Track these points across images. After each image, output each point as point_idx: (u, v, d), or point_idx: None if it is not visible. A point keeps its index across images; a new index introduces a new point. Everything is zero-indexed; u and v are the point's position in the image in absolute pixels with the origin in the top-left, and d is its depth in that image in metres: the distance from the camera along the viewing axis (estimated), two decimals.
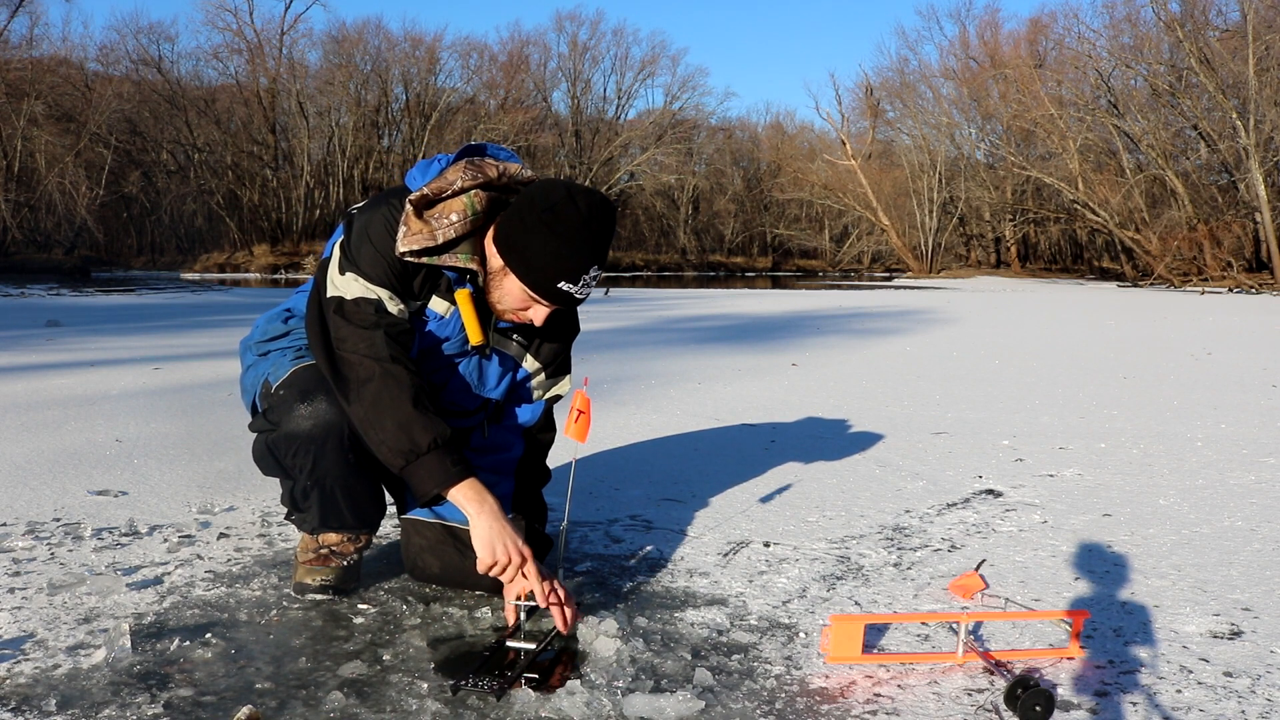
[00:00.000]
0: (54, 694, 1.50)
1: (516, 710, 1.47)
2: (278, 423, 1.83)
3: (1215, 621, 1.87)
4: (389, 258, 1.77)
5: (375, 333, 1.75)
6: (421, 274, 1.82)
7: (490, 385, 1.98)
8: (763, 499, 2.80)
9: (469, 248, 1.79)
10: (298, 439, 1.80)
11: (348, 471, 1.84)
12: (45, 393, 4.78)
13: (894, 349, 7.74)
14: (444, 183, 1.78)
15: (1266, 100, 23.06)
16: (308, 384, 1.84)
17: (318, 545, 1.94)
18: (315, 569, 1.95)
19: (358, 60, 46.69)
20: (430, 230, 1.75)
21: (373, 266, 1.78)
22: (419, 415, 1.71)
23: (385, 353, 1.74)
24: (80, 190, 34.78)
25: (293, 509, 1.94)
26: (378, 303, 1.77)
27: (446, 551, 1.96)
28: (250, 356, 2.04)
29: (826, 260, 53.65)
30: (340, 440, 1.81)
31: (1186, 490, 2.93)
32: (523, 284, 1.77)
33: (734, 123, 60.85)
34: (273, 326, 2.04)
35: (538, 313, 1.81)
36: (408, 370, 1.74)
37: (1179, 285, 23.84)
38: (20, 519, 2.48)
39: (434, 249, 1.76)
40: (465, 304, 1.83)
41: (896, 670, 1.64)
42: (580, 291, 1.77)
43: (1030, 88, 32.17)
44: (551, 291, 1.75)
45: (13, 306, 13.21)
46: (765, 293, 22.76)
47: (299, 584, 1.97)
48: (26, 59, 35.88)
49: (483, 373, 1.96)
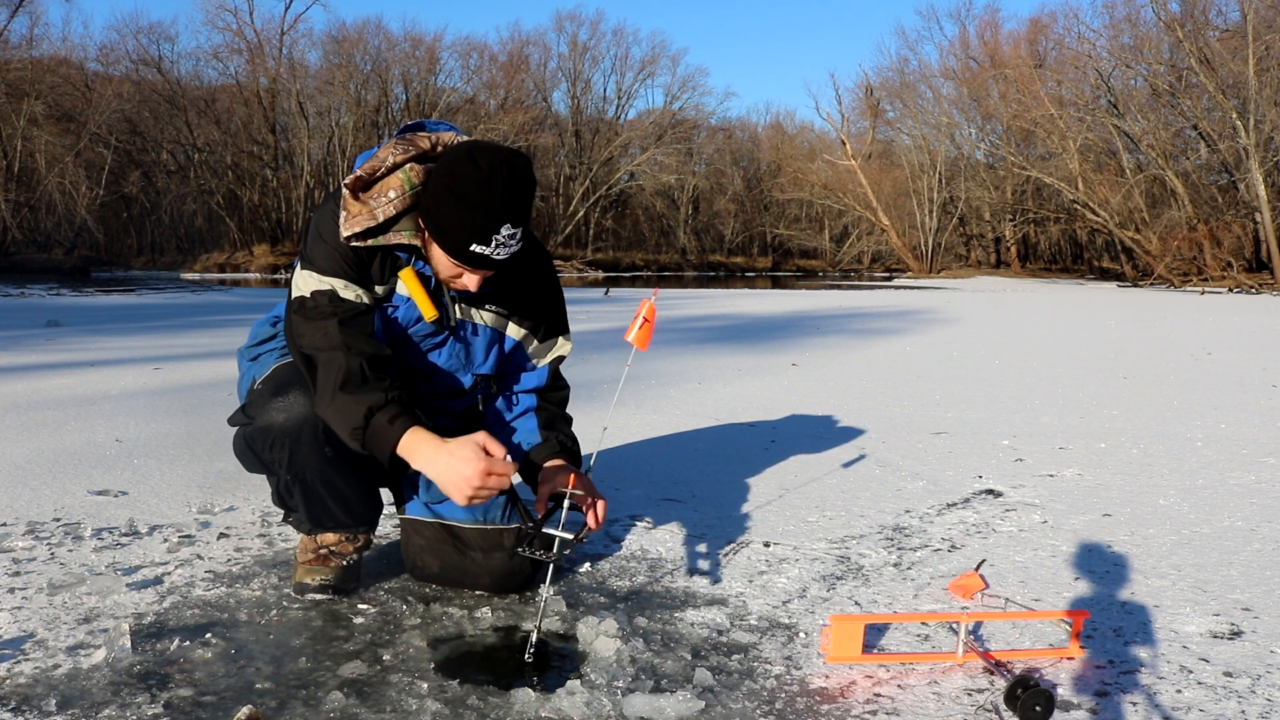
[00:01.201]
0: (54, 694, 1.50)
1: (516, 710, 1.47)
2: (253, 416, 1.86)
3: (1215, 621, 1.87)
4: (340, 249, 1.79)
5: (328, 322, 1.77)
6: (377, 258, 1.82)
7: (479, 361, 1.98)
8: (763, 499, 2.81)
9: (410, 223, 1.81)
10: (272, 432, 1.82)
11: (325, 464, 1.83)
12: (45, 393, 4.78)
13: (894, 349, 7.74)
14: (376, 162, 1.80)
15: (1266, 100, 23.07)
16: (284, 379, 1.87)
17: (316, 545, 1.95)
18: (314, 569, 1.95)
19: (358, 60, 46.70)
20: (370, 210, 1.77)
21: (326, 260, 1.79)
22: (349, 394, 1.71)
23: (336, 340, 1.74)
24: (80, 190, 34.78)
25: (282, 506, 1.96)
26: (331, 293, 1.78)
27: (445, 551, 1.97)
28: (244, 363, 2.07)
29: (826, 260, 53.65)
30: (315, 433, 1.80)
31: (1186, 490, 2.93)
32: (442, 250, 1.77)
33: (734, 123, 60.92)
34: (262, 330, 2.08)
35: (469, 279, 1.80)
36: (346, 350, 1.73)
37: (1179, 285, 23.84)
38: (20, 519, 2.48)
39: (376, 228, 1.77)
40: (410, 281, 1.84)
41: (896, 670, 1.65)
42: (496, 252, 1.73)
43: (1030, 88, 32.17)
44: (465, 255, 1.74)
45: (13, 306, 13.21)
46: (765, 293, 22.76)
47: (299, 584, 1.97)
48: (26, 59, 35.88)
49: (469, 349, 1.96)
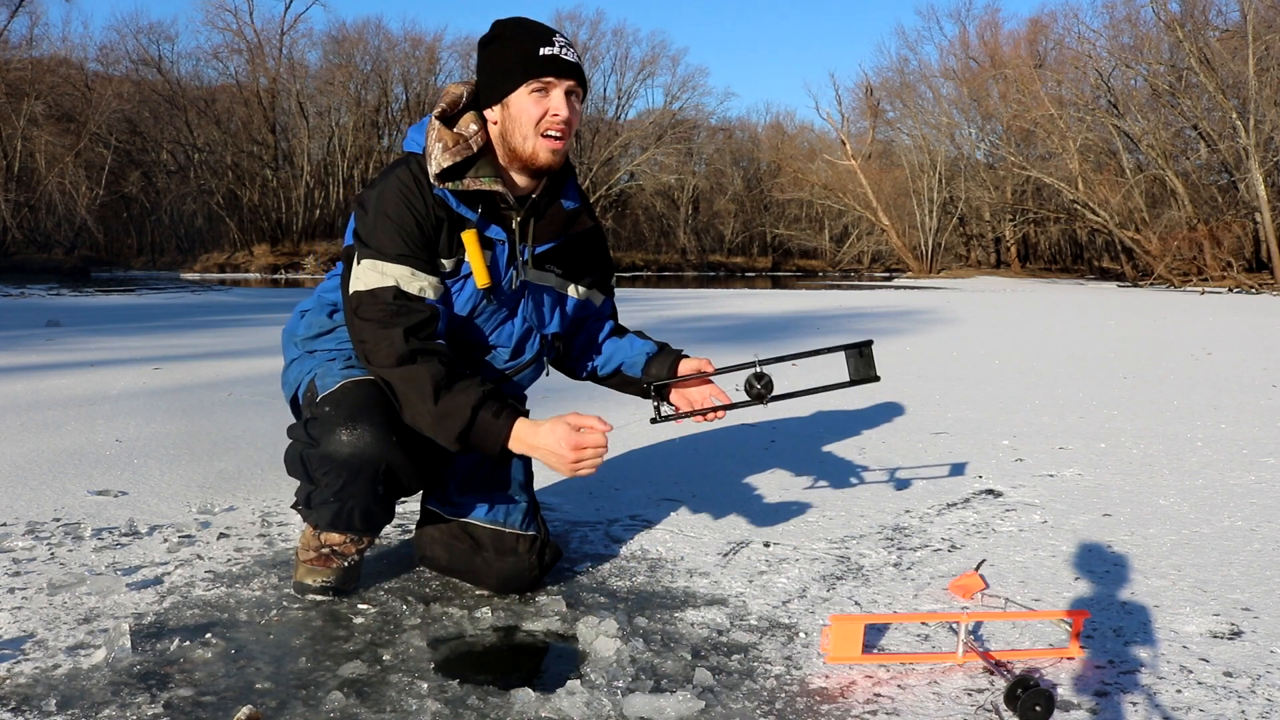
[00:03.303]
0: (54, 694, 1.50)
1: (516, 710, 1.47)
2: (318, 439, 1.77)
3: (1215, 621, 1.87)
4: (407, 227, 1.78)
5: (393, 332, 1.74)
6: (445, 227, 1.81)
7: (548, 319, 2.00)
8: (763, 499, 2.80)
9: (489, 167, 1.82)
10: (333, 462, 1.76)
11: (372, 500, 1.81)
12: (45, 393, 4.78)
13: (894, 349, 7.74)
14: (454, 96, 1.85)
15: (1266, 100, 23.06)
16: (355, 406, 1.78)
17: (319, 544, 1.92)
18: (316, 569, 1.94)
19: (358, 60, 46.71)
20: (464, 141, 1.80)
21: (390, 241, 1.78)
22: (447, 400, 1.71)
23: (404, 350, 1.73)
24: (80, 190, 34.78)
25: (304, 505, 1.91)
26: (394, 289, 1.76)
27: (458, 546, 1.97)
28: (295, 349, 2.02)
29: (826, 260, 53.63)
30: (375, 475, 1.76)
31: (1186, 490, 2.93)
32: (516, 90, 1.78)
33: (734, 123, 60.86)
34: (319, 321, 1.99)
35: (556, 101, 1.79)
36: (425, 364, 1.73)
37: (1179, 285, 23.83)
38: (20, 519, 2.48)
39: (470, 159, 1.80)
40: (471, 243, 1.82)
41: (896, 670, 1.64)
42: (564, 51, 1.78)
43: (1030, 88, 32.16)
44: (537, 63, 1.77)
45: (13, 306, 13.20)
46: (765, 293, 22.76)
47: (299, 584, 1.96)
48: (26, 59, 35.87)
49: (540, 311, 1.97)
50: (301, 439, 1.82)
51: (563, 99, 1.79)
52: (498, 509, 1.97)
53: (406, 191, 1.79)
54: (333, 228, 45.55)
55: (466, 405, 1.70)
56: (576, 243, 2.00)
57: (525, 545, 1.95)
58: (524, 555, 1.95)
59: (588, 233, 2.02)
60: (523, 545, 1.95)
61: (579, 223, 1.95)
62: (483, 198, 1.83)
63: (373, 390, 1.80)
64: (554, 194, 1.92)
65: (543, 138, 1.80)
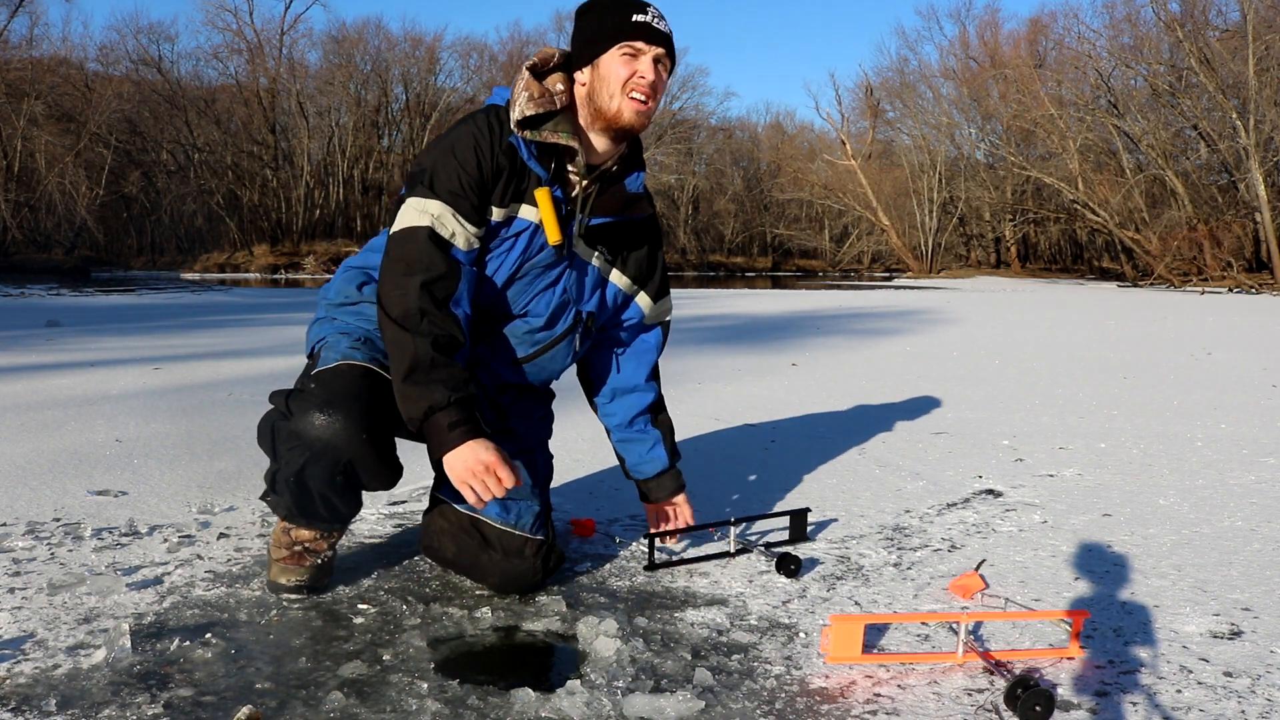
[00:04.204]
0: (54, 694, 1.50)
1: (516, 710, 1.47)
2: (293, 413, 1.78)
3: (1215, 621, 1.87)
4: (468, 168, 1.81)
5: (411, 281, 1.76)
6: (502, 179, 1.83)
7: (586, 296, 2.01)
8: (763, 499, 2.80)
9: (568, 123, 1.85)
10: (298, 440, 1.77)
11: (330, 488, 1.82)
12: (45, 393, 4.78)
13: (894, 349, 7.74)
14: (547, 54, 1.91)
15: (1266, 100, 23.06)
16: (338, 392, 1.79)
17: (291, 540, 1.94)
18: (289, 568, 1.95)
19: (358, 60, 46.73)
20: (550, 94, 1.85)
21: (445, 178, 1.81)
22: (413, 385, 1.72)
23: (413, 307, 1.74)
24: (80, 190, 34.80)
25: (269, 490, 1.90)
26: (428, 230, 1.78)
27: (466, 541, 1.97)
28: (321, 310, 2.04)
29: (826, 260, 53.65)
30: (334, 464, 1.77)
31: (1186, 490, 2.93)
32: (608, 52, 1.83)
33: (734, 123, 60.86)
34: (348, 290, 2.01)
35: (644, 65, 1.83)
36: (417, 328, 1.73)
37: (1179, 285, 23.83)
38: (20, 519, 2.48)
39: (551, 113, 1.84)
40: (544, 200, 1.85)
41: (896, 670, 1.65)
42: (656, 21, 1.84)
43: (1030, 88, 32.17)
44: (630, 27, 1.82)
45: (13, 306, 13.21)
46: (765, 293, 22.76)
47: (273, 583, 1.96)
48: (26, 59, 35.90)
49: (580, 285, 1.99)
50: (280, 408, 1.83)
51: (650, 64, 1.84)
52: (511, 510, 1.97)
53: (479, 136, 1.83)
54: (333, 228, 45.59)
55: (426, 401, 1.71)
56: (631, 231, 2.04)
57: (532, 549, 1.95)
58: (529, 559, 1.95)
59: (644, 225, 2.06)
60: (529, 549, 1.95)
61: (638, 206, 1.99)
62: (555, 156, 1.87)
63: (362, 378, 1.82)
64: (620, 176, 1.96)
65: (629, 98, 1.83)
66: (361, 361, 1.86)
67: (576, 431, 3.65)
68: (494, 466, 1.72)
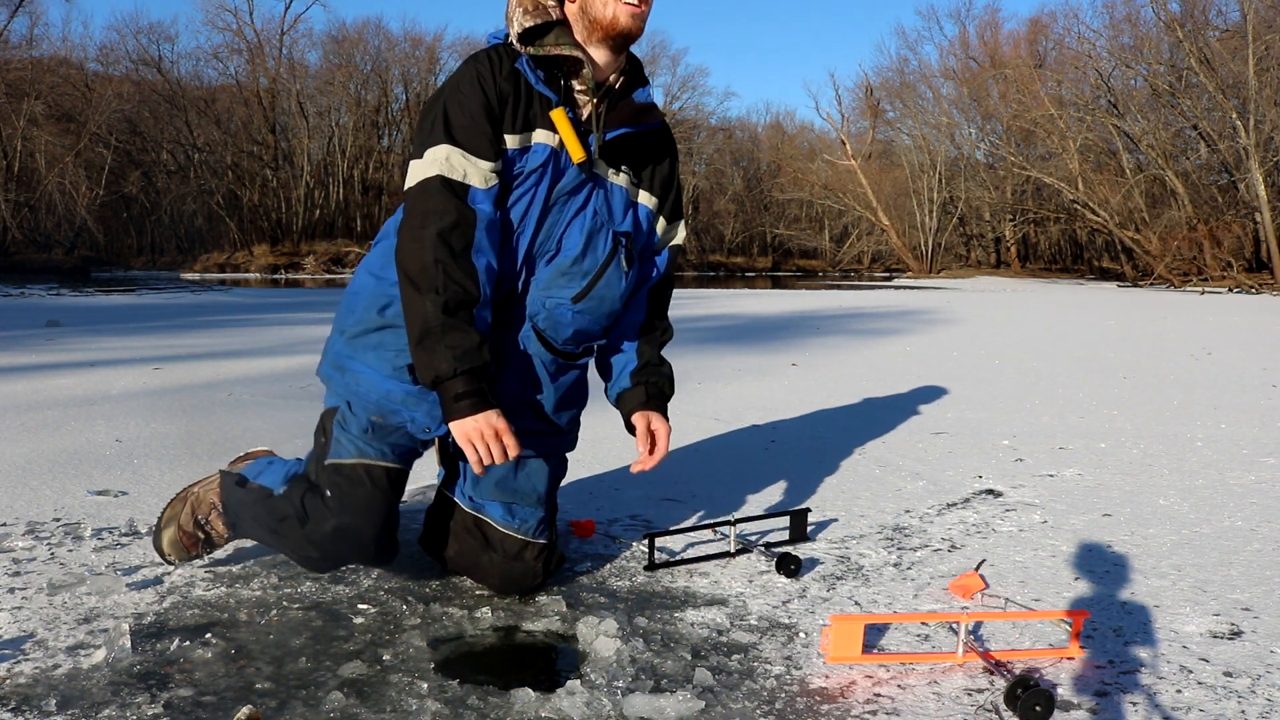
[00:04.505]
0: (54, 694, 1.50)
1: (516, 710, 1.47)
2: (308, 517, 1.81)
3: (1215, 621, 1.87)
4: (475, 102, 1.77)
5: (425, 233, 1.72)
6: (510, 104, 1.80)
7: (619, 218, 1.93)
8: (763, 499, 2.80)
9: (567, 34, 1.83)
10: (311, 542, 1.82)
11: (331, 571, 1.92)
12: (45, 393, 4.78)
13: (894, 349, 7.74)
14: None
15: (1266, 100, 23.05)
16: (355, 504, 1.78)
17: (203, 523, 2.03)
18: (183, 547, 2.04)
19: (358, 60, 46.73)
20: (543, 6, 1.83)
21: (454, 117, 1.77)
22: (425, 350, 1.70)
23: (428, 260, 1.71)
24: (80, 190, 34.80)
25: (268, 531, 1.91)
26: (438, 179, 1.74)
27: (468, 541, 1.97)
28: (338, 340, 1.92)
29: (826, 260, 53.63)
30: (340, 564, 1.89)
31: (1186, 490, 2.93)
32: None
33: (734, 123, 60.84)
34: (369, 317, 1.87)
35: None
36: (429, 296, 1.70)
37: (1179, 285, 23.82)
38: (20, 519, 2.48)
39: (549, 25, 1.82)
40: (562, 120, 1.81)
41: (896, 670, 1.65)
42: None
43: (1030, 88, 32.15)
44: None
45: (13, 306, 13.21)
46: (765, 293, 22.76)
47: (160, 548, 2.05)
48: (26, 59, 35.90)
49: (610, 206, 1.92)
50: (295, 506, 1.83)
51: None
52: (515, 514, 1.96)
53: (480, 68, 1.81)
54: (333, 228, 45.59)
55: (433, 370, 1.70)
56: (649, 144, 1.97)
57: (533, 553, 1.95)
58: (530, 562, 1.94)
59: (660, 135, 2.00)
60: (530, 553, 1.95)
61: (650, 114, 1.93)
62: (562, 71, 1.84)
63: (378, 491, 1.80)
64: (628, 90, 1.93)
65: (622, 3, 1.80)
66: (374, 460, 1.82)
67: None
68: (502, 433, 1.72)
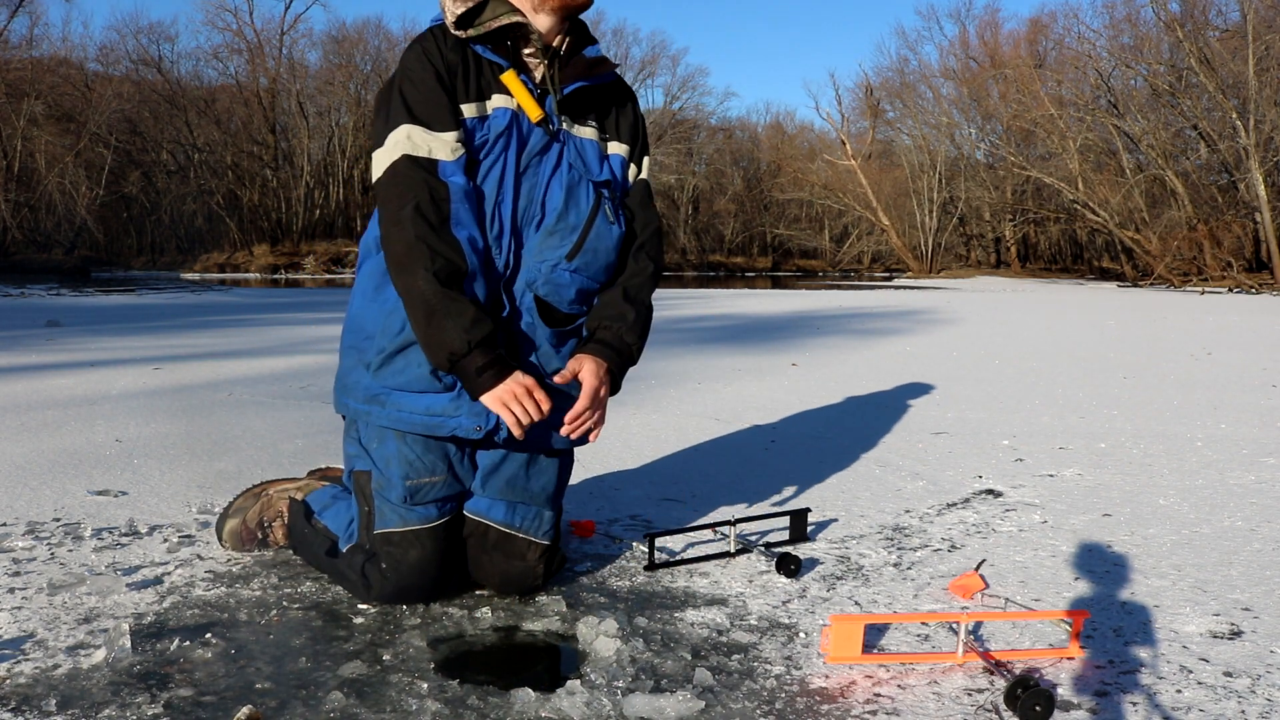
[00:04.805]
0: (54, 694, 1.50)
1: (516, 710, 1.47)
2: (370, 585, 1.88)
3: (1215, 621, 1.87)
4: (427, 83, 1.76)
5: (405, 211, 1.72)
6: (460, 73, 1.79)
7: (595, 169, 1.90)
8: (762, 499, 2.80)
9: (506, 7, 1.82)
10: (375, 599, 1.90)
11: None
12: (45, 393, 4.78)
13: (894, 349, 7.74)
14: None
15: (1266, 100, 23.05)
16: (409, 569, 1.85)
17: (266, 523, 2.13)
18: (242, 540, 2.20)
19: (358, 60, 46.72)
20: None
21: (409, 101, 1.76)
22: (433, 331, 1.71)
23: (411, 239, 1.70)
24: (80, 190, 34.81)
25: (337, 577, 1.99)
26: (403, 159, 1.74)
27: (470, 540, 1.96)
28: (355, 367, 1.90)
29: (826, 260, 53.61)
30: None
31: (1186, 490, 2.93)
32: None
33: (734, 123, 60.84)
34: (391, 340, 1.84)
35: None
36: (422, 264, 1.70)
37: (1179, 285, 23.82)
38: (20, 519, 2.48)
39: (481, 4, 1.80)
40: (513, 82, 1.80)
41: (896, 670, 1.65)
42: None
43: (1030, 88, 32.15)
44: None
45: (13, 306, 13.21)
46: (765, 293, 22.76)
47: (222, 538, 2.20)
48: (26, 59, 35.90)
49: (583, 158, 1.89)
50: (357, 573, 1.90)
51: None
52: (518, 514, 1.95)
53: (425, 46, 1.80)
54: (332, 228, 45.57)
55: (445, 349, 1.71)
56: (607, 95, 1.95)
57: (535, 553, 1.94)
58: (531, 563, 1.94)
59: (616, 87, 1.97)
60: (533, 553, 1.94)
61: (603, 66, 1.91)
62: (508, 37, 1.83)
63: (431, 551, 1.86)
64: (576, 49, 1.91)
65: None
66: (419, 524, 1.86)
67: None
68: (532, 388, 1.73)
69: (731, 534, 2.26)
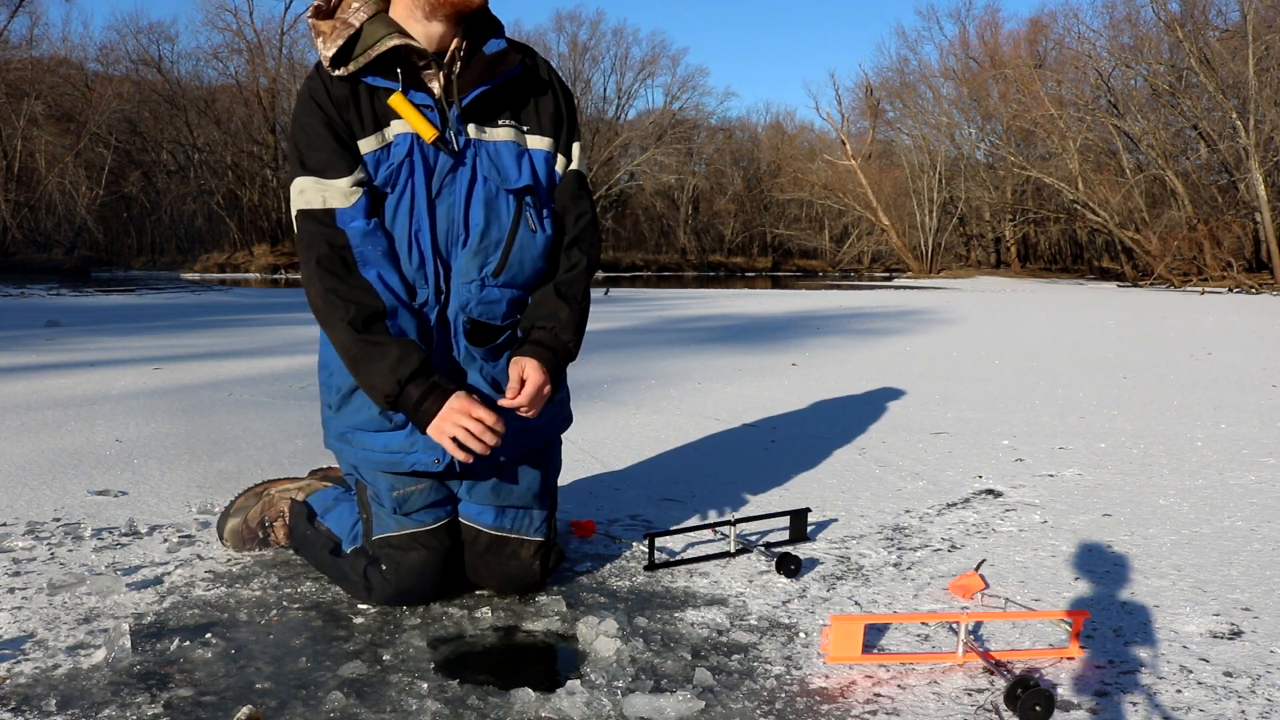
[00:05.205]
0: (54, 694, 1.50)
1: (516, 710, 1.47)
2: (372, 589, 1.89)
3: (1215, 621, 1.87)
4: (316, 130, 1.73)
5: (310, 269, 1.74)
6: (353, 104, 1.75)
7: (513, 176, 1.82)
8: (763, 499, 2.80)
9: (384, 25, 1.75)
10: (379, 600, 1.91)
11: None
12: (45, 393, 4.78)
13: (894, 349, 7.74)
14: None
15: (1266, 100, 23.05)
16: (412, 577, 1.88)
17: (266, 523, 2.14)
18: (243, 539, 2.21)
19: None
20: (344, 21, 1.74)
21: (306, 142, 1.74)
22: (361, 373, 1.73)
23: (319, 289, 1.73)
24: (80, 190, 34.80)
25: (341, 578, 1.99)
26: (300, 211, 1.75)
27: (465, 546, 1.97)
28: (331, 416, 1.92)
29: (826, 260, 53.59)
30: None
31: (1186, 490, 2.93)
32: None
33: (734, 123, 60.79)
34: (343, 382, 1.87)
35: None
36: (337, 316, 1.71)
37: (1179, 285, 23.81)
38: (20, 519, 2.48)
39: (353, 38, 1.73)
40: (401, 104, 1.75)
41: (896, 670, 1.65)
42: None
43: (1030, 88, 32.14)
44: None
45: (13, 306, 13.21)
46: (765, 293, 22.76)
47: (223, 537, 2.22)
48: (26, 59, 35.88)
49: (498, 166, 1.81)
50: (359, 576, 1.91)
51: None
52: (508, 516, 1.95)
53: (312, 89, 1.76)
54: None
55: (380, 392, 1.72)
56: (520, 88, 1.85)
57: (530, 551, 1.94)
58: (527, 561, 1.94)
59: (528, 77, 1.86)
60: (526, 551, 1.94)
61: (504, 62, 1.80)
62: (396, 61, 1.76)
63: (430, 552, 1.88)
64: (475, 47, 1.81)
65: None
66: (415, 528, 1.89)
67: (577, 431, 3.65)
68: (469, 409, 1.71)
69: (731, 534, 2.26)
